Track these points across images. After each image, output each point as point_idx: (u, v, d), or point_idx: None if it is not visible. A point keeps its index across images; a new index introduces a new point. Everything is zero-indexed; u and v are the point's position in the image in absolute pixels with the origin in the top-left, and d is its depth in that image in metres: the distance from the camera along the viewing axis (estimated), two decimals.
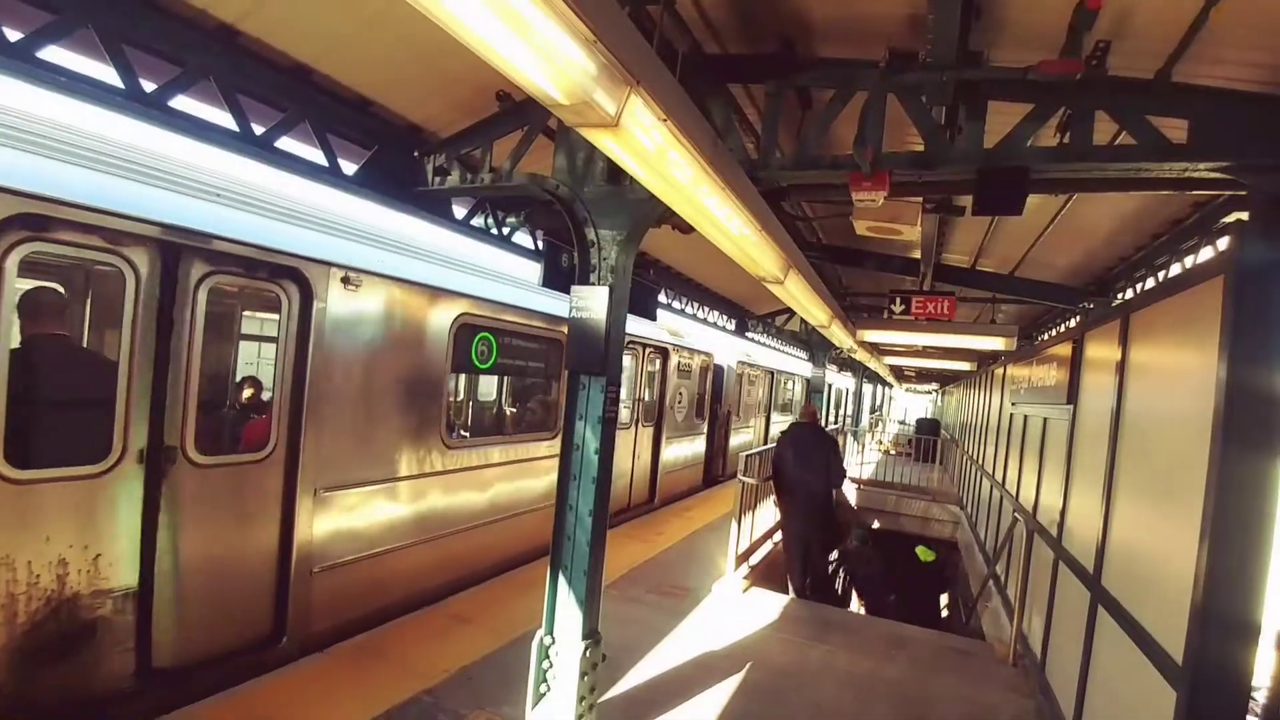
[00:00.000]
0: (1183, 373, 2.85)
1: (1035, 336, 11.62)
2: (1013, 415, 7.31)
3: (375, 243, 4.62)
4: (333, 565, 4.30)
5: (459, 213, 5.36)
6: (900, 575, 9.49)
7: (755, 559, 7.39)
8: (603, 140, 2.24)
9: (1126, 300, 4.72)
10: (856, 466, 15.36)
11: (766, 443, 14.29)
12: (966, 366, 14.59)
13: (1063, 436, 4.76)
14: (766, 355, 15.99)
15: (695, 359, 10.52)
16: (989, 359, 11.50)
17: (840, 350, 12.11)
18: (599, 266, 3.56)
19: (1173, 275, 5.02)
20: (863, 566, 9.42)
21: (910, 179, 3.34)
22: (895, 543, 11.48)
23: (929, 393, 38.74)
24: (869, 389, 29.39)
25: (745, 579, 6.56)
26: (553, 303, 6.28)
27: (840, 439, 15.28)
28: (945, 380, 25.20)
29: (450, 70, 3.98)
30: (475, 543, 5.59)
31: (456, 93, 4.20)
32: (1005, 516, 6.77)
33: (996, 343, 8.99)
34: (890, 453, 19.82)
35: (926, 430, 20.30)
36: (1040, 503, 5.47)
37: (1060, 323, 10.31)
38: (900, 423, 32.38)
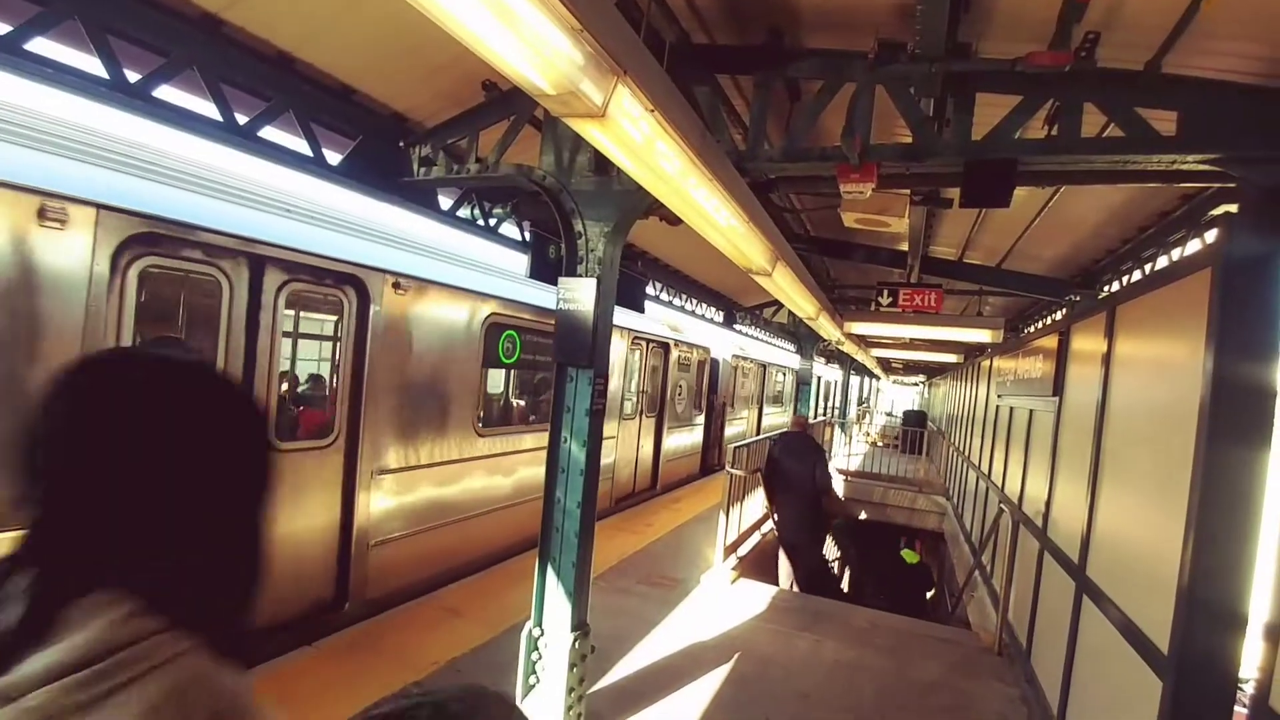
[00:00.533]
0: (1169, 365, 2.86)
1: (1021, 329, 11.69)
2: (999, 407, 7.37)
3: (419, 250, 5.07)
4: (385, 540, 4.78)
5: (445, 203, 5.31)
6: (884, 570, 9.69)
7: (744, 550, 7.42)
8: (590, 131, 2.21)
9: (1113, 293, 4.75)
10: (844, 458, 15.50)
11: (759, 433, 14.68)
12: (953, 359, 14.68)
13: (1048, 428, 4.80)
14: (759, 349, 16.38)
15: (694, 353, 11.03)
16: (975, 351, 11.58)
17: (828, 342, 12.15)
18: (586, 258, 3.53)
19: (1159, 268, 5.05)
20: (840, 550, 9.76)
21: (898, 171, 3.33)
22: (881, 534, 11.58)
23: (916, 385, 39.00)
24: (856, 381, 29.56)
25: (734, 570, 6.59)
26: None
27: (828, 430, 15.54)
28: (932, 372, 25.36)
29: (435, 59, 3.92)
30: (502, 522, 6.12)
31: (442, 82, 4.13)
32: (991, 507, 6.83)
33: (983, 335, 9.04)
34: (878, 444, 19.96)
35: (913, 422, 20.43)
36: (1026, 493, 5.52)
37: (1046, 315, 10.39)
38: (887, 414, 32.59)
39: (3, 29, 3.01)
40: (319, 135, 4.08)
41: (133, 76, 3.37)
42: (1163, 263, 5.69)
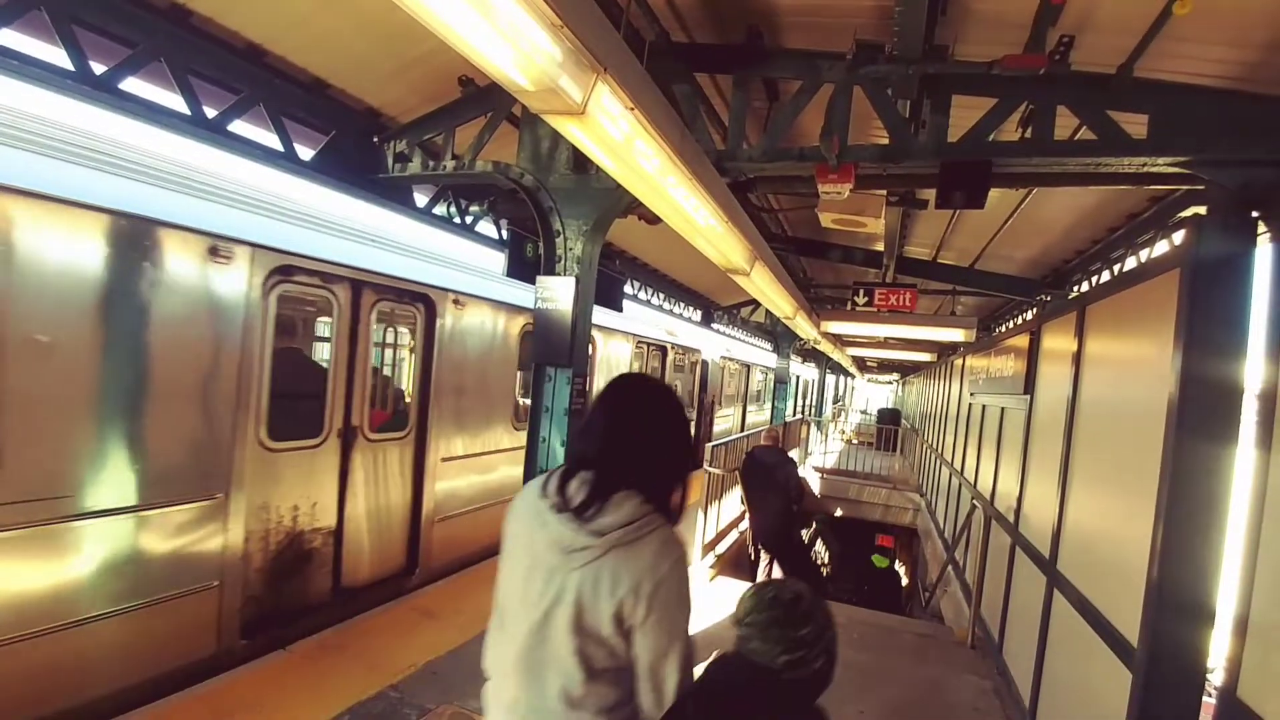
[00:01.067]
0: (1138, 364, 2.92)
1: (993, 328, 11.90)
2: (971, 405, 7.48)
3: (472, 271, 5.89)
4: (446, 517, 5.61)
5: (420, 200, 5.22)
6: (859, 570, 9.87)
7: (722, 548, 7.44)
8: (569, 128, 2.18)
9: (1083, 293, 4.84)
10: (820, 456, 15.65)
11: (744, 428, 15.58)
12: (927, 357, 14.89)
13: (1020, 425, 4.87)
14: (743, 350, 17.07)
15: (687, 356, 12.05)
16: (949, 350, 11.76)
17: (805, 341, 12.25)
18: (564, 257, 3.51)
19: (1128, 269, 5.15)
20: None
21: (875, 171, 3.35)
22: (856, 532, 11.72)
23: (890, 383, 39.53)
24: (832, 379, 29.89)
25: (711, 568, 6.60)
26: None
27: (804, 429, 15.74)
28: (906, 371, 25.71)
29: (411, 53, 3.85)
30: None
31: (417, 76, 4.06)
32: (964, 503, 6.94)
33: (957, 334, 9.17)
34: (853, 442, 20.17)
35: (887, 420, 20.69)
36: (998, 490, 5.60)
37: (1017, 315, 10.58)
38: (862, 412, 32.99)
39: None
40: (290, 130, 3.98)
41: (99, 68, 3.27)
42: (1131, 263, 5.83)
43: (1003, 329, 10.90)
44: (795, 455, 13.69)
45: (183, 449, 3.52)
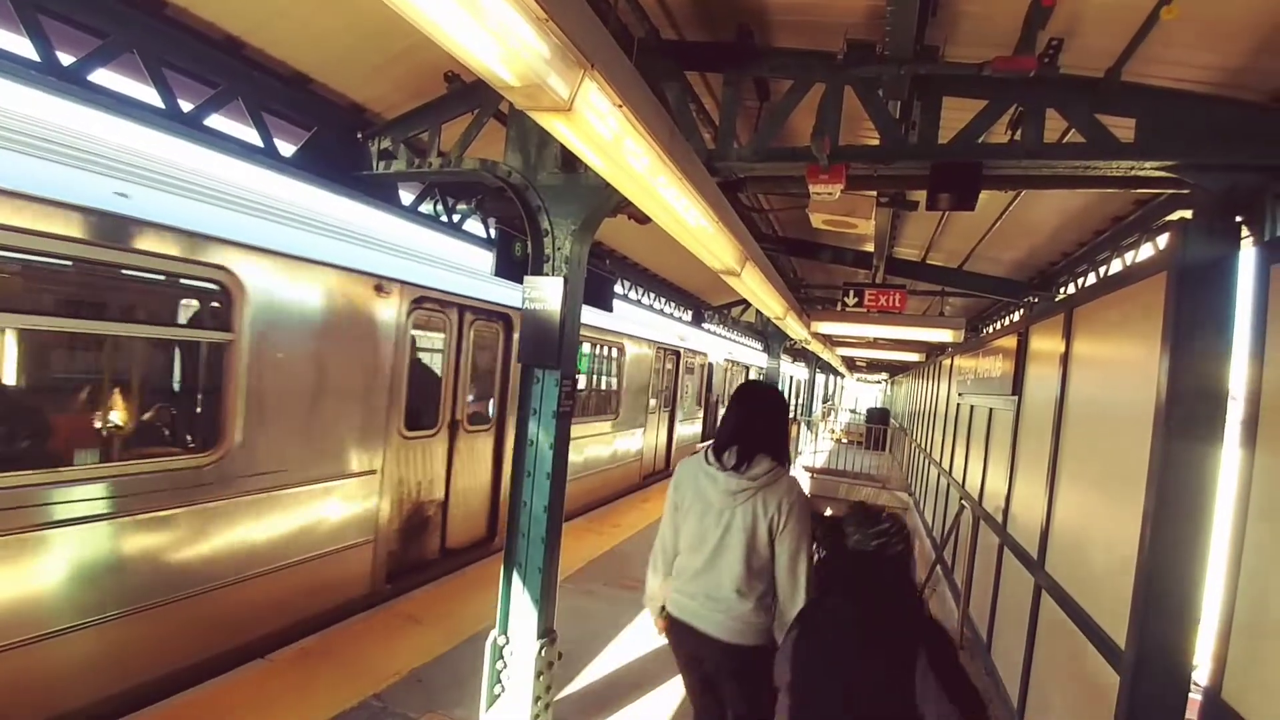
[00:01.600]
0: (1125, 366, 2.92)
1: (981, 329, 11.97)
2: (959, 405, 7.51)
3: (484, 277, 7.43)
4: None
5: (406, 199, 5.16)
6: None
7: None
8: (555, 125, 2.14)
9: (1070, 295, 4.87)
10: (810, 455, 15.69)
11: None
12: (915, 358, 14.97)
13: (1008, 426, 4.89)
14: (743, 353, 18.40)
15: (696, 358, 13.72)
16: (937, 350, 11.81)
17: (795, 341, 12.27)
18: (553, 256, 3.46)
19: (1115, 272, 5.19)
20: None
21: (866, 172, 3.33)
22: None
23: (879, 383, 39.73)
24: (821, 379, 30.02)
25: None
26: (613, 320, 9.37)
27: (794, 428, 15.85)
28: (895, 371, 25.85)
29: (396, 48, 3.79)
30: (576, 488, 8.44)
31: (402, 71, 4.00)
32: (952, 503, 6.97)
33: (945, 335, 9.21)
34: (842, 441, 20.24)
35: (876, 419, 20.80)
36: (986, 490, 5.62)
37: (1004, 316, 10.65)
38: (851, 411, 33.15)
39: None
40: (271, 125, 3.90)
41: (66, 59, 3.17)
42: (1116, 266, 5.87)
43: (990, 330, 10.96)
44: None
45: (356, 435, 4.75)
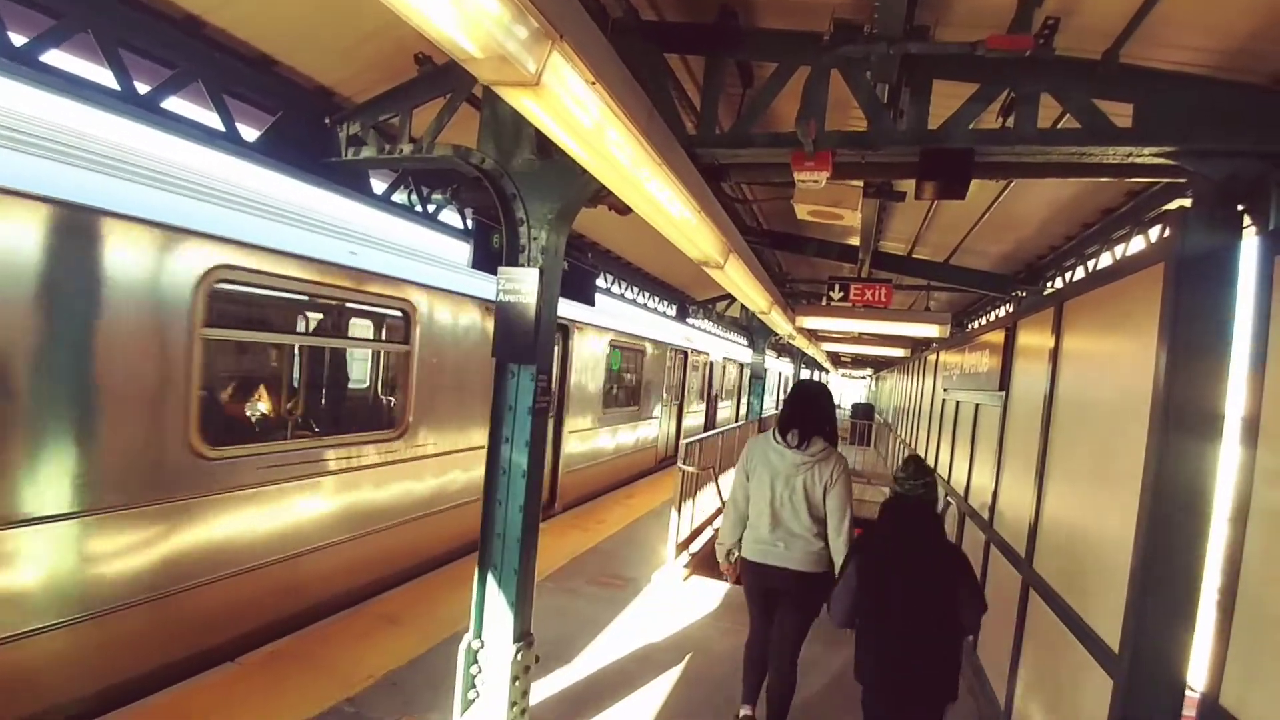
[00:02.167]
0: (1118, 360, 2.84)
1: (966, 324, 11.95)
2: (945, 401, 7.46)
3: (587, 306, 9.07)
4: (570, 471, 8.79)
5: (378, 187, 4.97)
6: None
7: (696, 546, 7.33)
8: (523, 102, 2.00)
9: (1060, 289, 4.80)
10: None
11: (738, 417, 18.78)
12: (900, 353, 14.96)
13: (995, 422, 4.82)
14: (739, 352, 19.80)
15: (700, 358, 15.48)
16: (922, 345, 11.78)
17: (779, 337, 12.19)
18: (528, 247, 3.32)
19: (1107, 265, 5.10)
20: None
21: (853, 159, 3.21)
22: None
23: (863, 378, 39.92)
24: (806, 374, 30.11)
25: (686, 567, 6.48)
26: (639, 326, 11.29)
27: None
28: (879, 366, 25.93)
29: (365, 28, 3.61)
30: (614, 467, 10.57)
31: (372, 53, 3.82)
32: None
33: (931, 330, 9.16)
34: None
35: (861, 415, 20.88)
36: (972, 486, 5.56)
37: (990, 310, 10.62)
38: (836, 407, 33.26)
39: None
40: (233, 109, 3.71)
41: (18, 40, 3.00)
42: (1106, 259, 5.81)
43: (976, 325, 10.94)
44: None
45: (477, 419, 6.17)
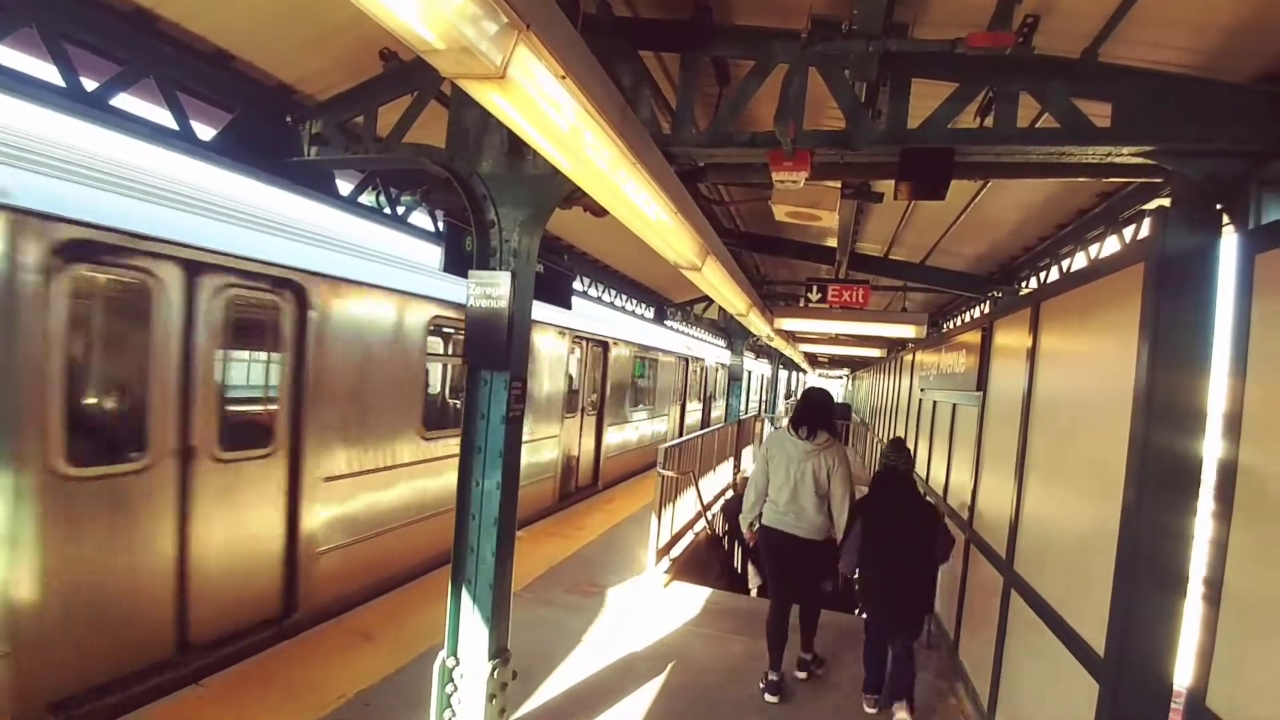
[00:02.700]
0: (1098, 359, 2.82)
1: (942, 324, 12.05)
2: (922, 401, 7.48)
3: (616, 324, 11.30)
4: (609, 457, 10.91)
5: (344, 189, 4.81)
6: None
7: (676, 551, 7.26)
8: (489, 97, 1.90)
9: (1037, 289, 4.81)
10: None
11: (725, 419, 19.54)
12: (877, 353, 15.06)
13: (972, 422, 4.82)
14: (727, 355, 20.85)
15: (698, 363, 17.34)
16: (898, 346, 11.86)
17: (758, 338, 12.19)
18: (500, 249, 3.21)
19: (1085, 265, 5.14)
20: None
21: (832, 159, 3.16)
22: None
23: (840, 378, 40.25)
24: (784, 375, 30.26)
25: (666, 573, 6.40)
26: (656, 339, 13.53)
27: (757, 425, 15.89)
28: (856, 366, 26.12)
29: (328, 22, 3.48)
30: (635, 455, 12.29)
31: (336, 49, 3.68)
32: None
33: (907, 330, 9.21)
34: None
35: (838, 414, 20.99)
36: (950, 486, 5.56)
37: (965, 310, 10.72)
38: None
39: None
40: (188, 106, 3.54)
41: None
42: (1080, 260, 5.86)
43: (952, 325, 11.03)
44: (750, 451, 13.79)
45: (547, 414, 8.22)
